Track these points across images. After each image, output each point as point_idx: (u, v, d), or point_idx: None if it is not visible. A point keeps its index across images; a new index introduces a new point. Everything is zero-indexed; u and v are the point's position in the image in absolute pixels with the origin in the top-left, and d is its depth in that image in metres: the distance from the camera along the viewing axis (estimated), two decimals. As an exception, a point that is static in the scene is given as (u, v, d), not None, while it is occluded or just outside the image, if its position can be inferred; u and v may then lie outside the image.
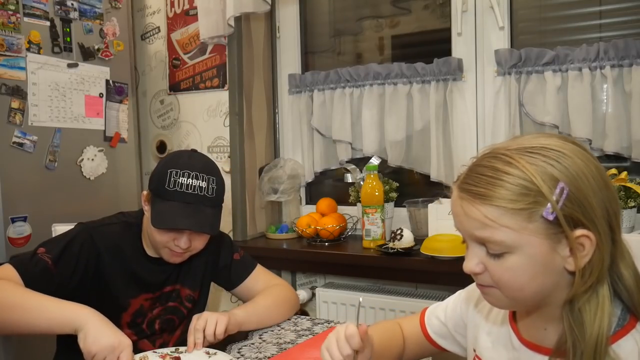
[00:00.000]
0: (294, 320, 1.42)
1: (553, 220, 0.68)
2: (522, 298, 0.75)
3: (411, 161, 2.07)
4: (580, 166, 0.70)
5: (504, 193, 0.70)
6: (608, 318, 0.69)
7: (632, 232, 1.62)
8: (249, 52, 2.25)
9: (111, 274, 1.27)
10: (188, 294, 1.39)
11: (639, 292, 0.73)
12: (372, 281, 2.09)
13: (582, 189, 0.69)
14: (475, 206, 0.72)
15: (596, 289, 0.71)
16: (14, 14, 1.78)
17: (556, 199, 0.68)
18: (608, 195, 0.71)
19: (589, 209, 0.69)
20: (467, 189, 0.74)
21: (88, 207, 1.98)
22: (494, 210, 0.70)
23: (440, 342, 1.03)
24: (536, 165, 0.70)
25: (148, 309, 1.33)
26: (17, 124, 1.79)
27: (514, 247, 0.70)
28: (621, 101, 1.72)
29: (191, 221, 1.21)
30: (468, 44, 1.99)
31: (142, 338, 1.30)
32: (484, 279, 0.76)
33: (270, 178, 2.23)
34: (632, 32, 1.77)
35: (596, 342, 0.68)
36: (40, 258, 1.19)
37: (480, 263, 0.75)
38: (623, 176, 1.62)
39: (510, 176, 0.70)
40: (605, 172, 0.73)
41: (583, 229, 0.69)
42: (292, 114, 2.33)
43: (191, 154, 1.30)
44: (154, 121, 2.54)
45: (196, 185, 1.22)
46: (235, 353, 1.20)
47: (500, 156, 0.72)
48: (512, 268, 0.72)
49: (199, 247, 1.29)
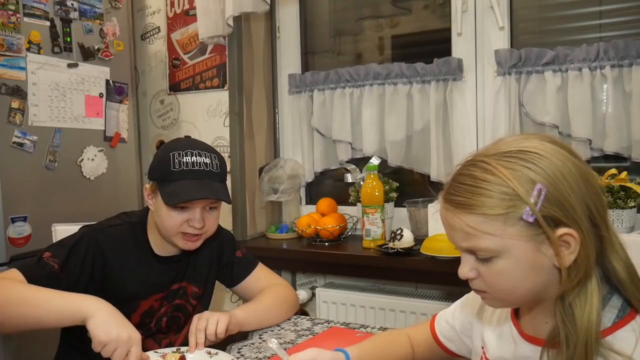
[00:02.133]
0: (294, 320, 1.42)
1: (533, 222, 0.70)
2: (516, 298, 0.77)
3: (411, 161, 2.07)
4: (558, 166, 0.71)
5: (483, 200, 0.72)
6: (597, 311, 0.70)
7: (632, 232, 1.62)
8: (248, 52, 2.25)
9: (119, 276, 1.27)
10: (194, 291, 1.39)
11: (634, 285, 0.74)
12: (372, 281, 2.09)
13: (560, 188, 0.70)
14: (458, 216, 0.74)
15: (585, 284, 0.72)
16: (14, 14, 1.78)
17: (534, 201, 0.69)
18: (589, 192, 0.72)
19: (569, 208, 0.70)
20: (450, 199, 0.76)
21: (88, 207, 1.98)
22: (475, 219, 0.72)
23: (448, 345, 1.04)
24: (513, 169, 0.71)
25: (157, 308, 1.33)
26: (17, 124, 1.80)
27: (500, 252, 0.72)
28: (621, 101, 1.72)
29: (206, 192, 1.22)
30: (468, 44, 1.99)
31: (148, 337, 1.30)
32: (478, 284, 0.78)
33: (270, 178, 2.23)
34: (632, 32, 1.77)
35: (587, 334, 0.70)
36: (46, 262, 1.19)
37: (473, 269, 0.77)
38: (623, 176, 1.62)
39: (488, 183, 0.72)
40: (588, 169, 0.74)
41: (565, 228, 0.70)
42: (292, 114, 2.33)
43: (187, 138, 1.32)
44: (154, 121, 2.54)
45: (201, 161, 1.23)
46: (235, 353, 1.20)
47: (479, 163, 0.74)
48: (501, 272, 0.74)
49: (212, 227, 1.30)
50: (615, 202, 1.59)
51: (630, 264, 0.75)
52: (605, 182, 1.64)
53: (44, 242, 1.34)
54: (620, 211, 1.60)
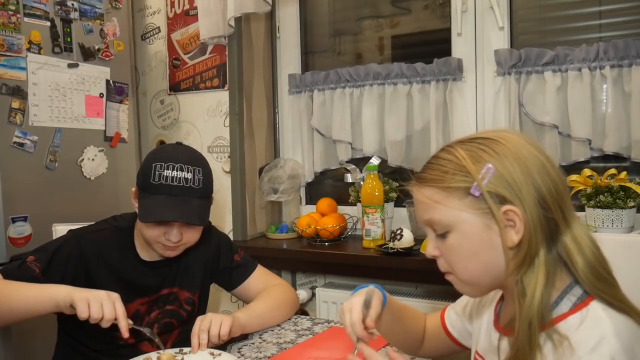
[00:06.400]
0: (294, 320, 1.42)
1: (479, 197, 0.76)
2: (473, 278, 0.81)
3: (411, 161, 2.07)
4: (512, 151, 0.77)
5: (440, 174, 0.80)
6: (541, 291, 0.74)
7: (632, 232, 1.62)
8: (249, 52, 2.25)
9: (102, 281, 1.26)
10: (187, 297, 1.37)
11: (593, 275, 0.76)
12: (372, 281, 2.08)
13: (510, 169, 0.76)
14: (418, 189, 0.84)
15: (532, 264, 0.76)
16: (15, 14, 1.78)
17: (482, 177, 0.76)
18: (542, 179, 0.76)
19: (515, 188, 0.75)
20: (417, 176, 0.86)
21: (88, 207, 1.98)
22: (431, 190, 0.81)
23: (455, 335, 1.07)
24: (470, 151, 0.79)
25: (145, 313, 1.32)
26: (17, 124, 1.80)
27: (451, 226, 0.79)
28: (621, 101, 1.72)
29: (177, 213, 1.19)
30: (468, 44, 1.99)
31: (141, 341, 1.30)
32: (442, 264, 0.84)
33: (270, 178, 2.23)
34: (632, 32, 1.77)
35: (529, 313, 0.73)
36: (28, 266, 1.19)
37: (436, 248, 0.84)
38: (623, 176, 1.62)
39: (447, 161, 0.80)
40: (548, 161, 0.79)
41: (509, 205, 0.75)
42: (292, 114, 2.33)
43: (175, 147, 1.29)
44: (154, 121, 2.54)
45: (181, 177, 1.21)
46: (236, 353, 1.21)
47: (446, 148, 0.84)
48: (453, 246, 0.80)
49: (192, 239, 1.28)
50: (615, 202, 1.59)
51: (595, 254, 0.77)
52: (605, 182, 1.64)
53: (44, 242, 1.34)
54: (620, 211, 1.60)
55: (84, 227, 1.33)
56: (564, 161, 1.81)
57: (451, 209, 0.79)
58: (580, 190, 1.68)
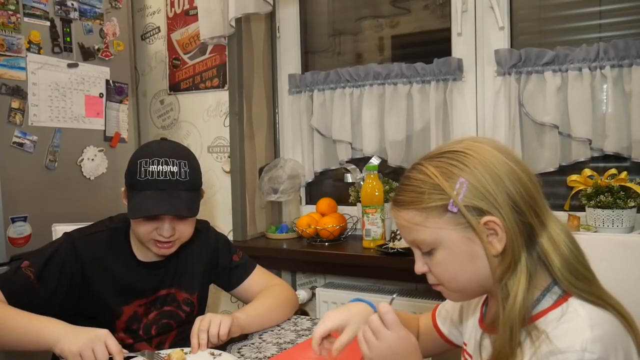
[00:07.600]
0: (294, 320, 1.42)
1: (457, 212, 0.78)
2: (462, 288, 0.84)
3: (411, 161, 2.04)
4: (481, 161, 0.78)
5: (415, 196, 0.81)
6: (523, 292, 0.76)
7: (632, 232, 1.62)
8: (249, 52, 2.25)
9: (99, 284, 1.25)
10: (185, 298, 1.36)
11: (570, 273, 0.77)
12: (372, 281, 2.09)
13: (482, 181, 0.77)
14: (398, 213, 0.85)
15: (515, 268, 0.77)
16: (14, 14, 1.78)
17: (457, 192, 0.77)
18: (513, 184, 0.78)
19: (490, 198, 0.77)
20: (394, 199, 0.86)
21: (88, 207, 1.98)
22: (409, 213, 0.82)
23: (445, 332, 1.08)
24: (440, 167, 0.80)
25: (143, 314, 1.31)
26: (17, 124, 1.80)
27: (436, 243, 0.81)
28: (621, 101, 1.72)
29: (165, 206, 1.19)
30: (468, 44, 1.99)
31: (138, 341, 1.29)
32: (431, 278, 0.87)
33: (270, 178, 2.23)
34: (632, 32, 1.77)
35: (510, 313, 0.75)
36: (23, 272, 1.19)
37: (424, 264, 0.86)
38: (623, 176, 1.63)
39: (420, 181, 0.81)
40: (516, 165, 0.80)
41: (488, 216, 0.77)
42: (292, 114, 2.33)
43: (160, 143, 1.29)
44: (154, 121, 2.54)
45: (167, 170, 1.20)
46: (235, 353, 1.20)
47: (416, 166, 0.85)
48: (441, 262, 0.82)
49: (185, 233, 1.27)
50: (615, 202, 1.59)
51: (571, 249, 0.79)
52: (605, 182, 1.64)
53: (44, 242, 1.34)
54: (620, 211, 1.60)
55: (79, 229, 1.32)
56: (564, 161, 1.81)
57: (432, 229, 0.80)
58: (580, 190, 1.68)
